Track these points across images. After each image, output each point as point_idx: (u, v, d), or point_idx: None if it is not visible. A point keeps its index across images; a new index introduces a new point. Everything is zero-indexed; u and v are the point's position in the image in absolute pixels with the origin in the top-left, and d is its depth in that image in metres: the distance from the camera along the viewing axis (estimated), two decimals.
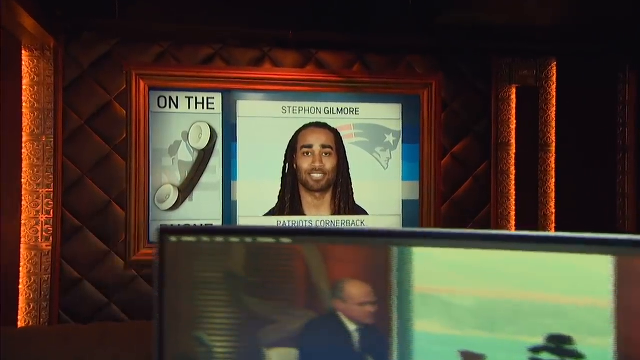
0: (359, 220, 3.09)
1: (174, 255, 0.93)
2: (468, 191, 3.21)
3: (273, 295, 0.91)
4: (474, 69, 3.21)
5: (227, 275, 0.92)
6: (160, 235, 0.93)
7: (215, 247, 0.93)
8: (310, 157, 3.02)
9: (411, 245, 0.87)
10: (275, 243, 0.91)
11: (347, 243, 0.90)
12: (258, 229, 0.93)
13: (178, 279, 0.92)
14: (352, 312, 0.89)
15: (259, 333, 0.92)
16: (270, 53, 3.01)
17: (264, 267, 0.92)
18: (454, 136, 3.20)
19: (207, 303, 0.93)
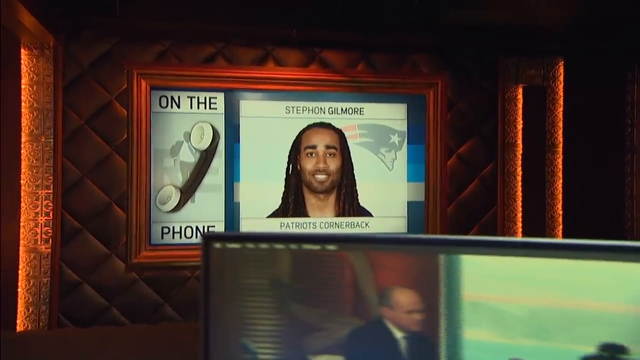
0: (364, 222, 3.07)
1: (219, 262, 0.94)
2: (474, 192, 3.19)
3: (319, 302, 0.92)
4: (480, 69, 3.19)
5: (273, 282, 0.93)
6: (205, 242, 0.94)
7: (261, 254, 0.93)
8: (314, 158, 3.00)
9: (461, 253, 0.86)
10: (322, 250, 0.91)
11: (396, 251, 0.90)
12: (304, 235, 0.94)
13: (223, 285, 0.94)
14: (400, 320, 0.90)
15: (305, 340, 0.92)
16: (273, 52, 2.99)
17: (310, 274, 0.92)
18: (459, 137, 3.17)
19: (252, 310, 0.94)
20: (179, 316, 2.89)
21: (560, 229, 3.21)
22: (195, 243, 2.89)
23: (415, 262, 0.89)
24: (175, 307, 2.89)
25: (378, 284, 0.90)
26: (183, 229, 2.89)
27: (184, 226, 2.89)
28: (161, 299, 2.88)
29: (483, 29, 2.97)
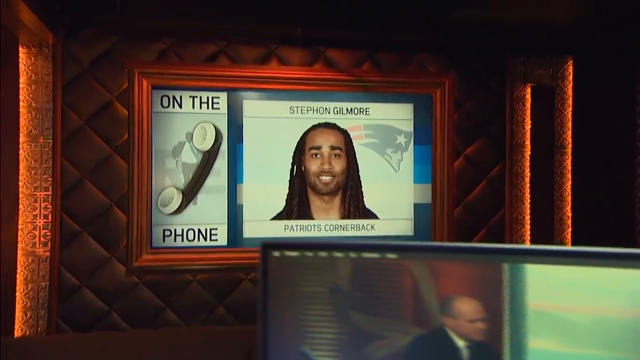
0: (369, 224, 3.04)
1: (278, 270, 0.95)
2: (482, 194, 3.16)
3: (379, 311, 0.93)
4: (488, 68, 3.16)
5: (332, 290, 0.94)
6: (264, 250, 0.96)
7: (320, 262, 0.94)
8: (318, 159, 2.97)
9: (525, 262, 0.86)
10: (382, 259, 0.93)
11: (458, 260, 0.90)
12: (364, 245, 0.94)
13: (282, 293, 0.95)
14: (462, 329, 0.90)
15: (365, 349, 0.93)
16: (277, 50, 2.96)
17: (370, 282, 0.93)
18: (467, 137, 3.15)
19: (311, 318, 0.94)
20: (180, 321, 2.85)
21: (569, 231, 3.18)
22: (198, 246, 2.86)
23: (478, 271, 0.89)
24: (177, 311, 2.85)
25: (439, 293, 0.91)
26: (185, 232, 2.85)
27: (186, 229, 2.86)
28: (162, 304, 2.84)
29: (490, 27, 2.94)
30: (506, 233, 3.15)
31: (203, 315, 2.86)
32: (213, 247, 2.86)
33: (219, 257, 2.86)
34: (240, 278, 2.91)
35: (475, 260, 0.88)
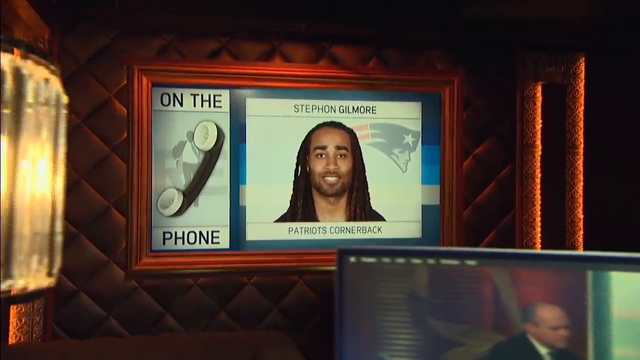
0: (376, 226, 3.01)
1: (354, 276, 0.97)
2: (491, 196, 3.13)
3: (458, 317, 0.94)
4: (498, 66, 3.13)
5: (410, 297, 0.96)
6: (340, 256, 0.98)
7: (397, 269, 0.96)
8: (324, 159, 2.94)
9: (611, 269, 0.86)
10: (461, 265, 0.94)
11: (539, 266, 0.91)
12: (443, 251, 0.97)
13: (358, 299, 0.97)
14: (544, 336, 0.91)
15: (443, 355, 0.94)
16: (281, 47, 2.93)
17: (449, 289, 0.94)
18: (476, 137, 3.12)
19: (389, 324, 0.96)
20: (181, 327, 2.81)
21: (580, 234, 3.15)
22: (199, 249, 2.82)
23: (561, 278, 0.89)
24: (177, 317, 2.81)
25: (520, 300, 0.91)
26: (186, 234, 2.81)
27: (186, 231, 2.82)
28: (162, 309, 2.80)
29: (500, 23, 2.91)
30: (516, 236, 3.12)
31: (204, 320, 2.83)
32: (215, 250, 2.83)
33: (221, 261, 2.83)
34: (242, 282, 2.87)
35: (558, 267, 0.89)
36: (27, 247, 0.70)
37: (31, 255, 0.71)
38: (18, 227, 0.69)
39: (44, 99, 0.72)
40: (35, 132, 0.70)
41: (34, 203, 0.72)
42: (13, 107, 0.67)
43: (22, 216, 0.70)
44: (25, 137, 0.69)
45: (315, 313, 2.89)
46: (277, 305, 2.89)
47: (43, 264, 0.73)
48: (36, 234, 0.72)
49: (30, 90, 0.69)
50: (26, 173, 0.70)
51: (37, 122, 0.70)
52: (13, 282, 0.68)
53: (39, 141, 0.71)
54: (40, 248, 0.73)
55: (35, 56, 0.71)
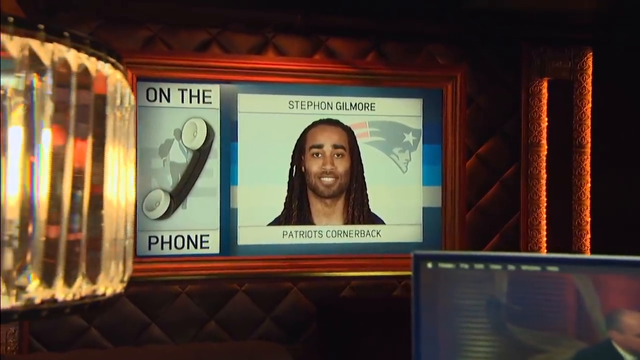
0: (375, 230, 2.98)
1: (431, 282, 0.99)
2: (495, 197, 3.10)
3: (540, 324, 0.95)
4: (502, 60, 3.11)
5: (489, 303, 0.97)
6: (416, 262, 1.00)
7: (476, 275, 0.97)
8: (320, 159, 2.91)
9: None
10: (542, 271, 0.95)
11: (625, 273, 0.92)
12: (523, 257, 0.97)
13: (436, 306, 0.99)
14: (630, 344, 0.92)
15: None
16: (274, 39, 2.88)
17: (530, 295, 0.96)
18: (479, 136, 3.09)
19: (468, 331, 0.97)
20: (167, 337, 2.75)
21: (588, 238, 3.12)
22: (187, 254, 2.77)
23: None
24: (163, 327, 2.75)
25: (604, 307, 0.92)
26: (173, 239, 2.76)
27: (174, 235, 2.77)
28: (148, 318, 2.74)
29: (506, 16, 2.86)
30: (521, 239, 3.09)
31: (192, 330, 2.78)
32: (204, 256, 2.79)
33: (211, 267, 2.79)
34: (233, 289, 2.82)
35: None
36: (109, 253, 0.74)
37: (111, 261, 0.74)
38: (108, 233, 0.73)
39: (119, 102, 0.74)
40: (112, 136, 0.73)
41: (119, 208, 0.77)
42: (97, 111, 0.70)
43: (112, 222, 0.74)
44: (108, 142, 0.72)
45: (311, 322, 2.84)
46: (270, 313, 2.84)
47: (119, 270, 0.77)
48: (116, 239, 0.76)
49: (110, 94, 0.72)
50: (115, 178, 0.75)
51: (114, 125, 0.74)
52: (96, 288, 0.71)
53: (117, 145, 0.75)
54: (118, 254, 0.76)
55: (112, 58, 0.72)
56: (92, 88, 0.68)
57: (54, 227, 0.65)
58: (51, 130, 0.63)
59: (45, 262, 0.64)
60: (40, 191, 0.62)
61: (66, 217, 0.66)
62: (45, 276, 0.65)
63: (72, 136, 0.65)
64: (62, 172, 0.65)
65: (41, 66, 0.62)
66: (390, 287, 2.94)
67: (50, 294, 0.65)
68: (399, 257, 2.87)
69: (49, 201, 0.63)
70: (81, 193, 0.68)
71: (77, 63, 0.65)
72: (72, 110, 0.65)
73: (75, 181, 0.67)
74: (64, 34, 0.64)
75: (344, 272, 2.89)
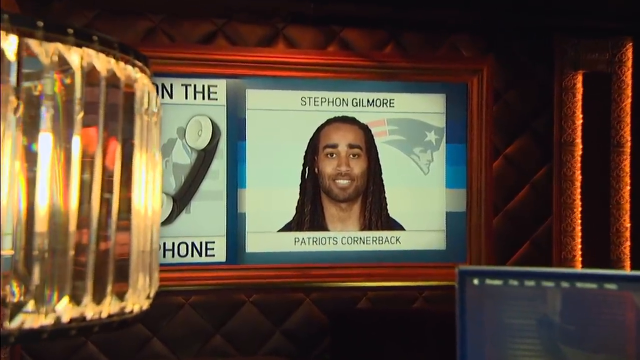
0: (394, 236, 2.97)
1: (478, 300, 1.00)
2: (524, 201, 3.09)
3: (596, 345, 0.95)
4: (533, 52, 3.09)
5: (541, 323, 0.98)
6: (461, 277, 1.01)
7: (527, 292, 0.98)
8: (334, 160, 2.92)
9: None
10: (599, 289, 0.95)
11: None
12: (579, 273, 1.01)
13: (482, 325, 1.00)
14: None
15: None
16: (285, 30, 2.89)
17: (585, 315, 0.96)
18: (507, 134, 3.08)
19: (517, 352, 0.97)
20: (170, 353, 2.76)
21: (627, 245, 3.08)
22: (191, 263, 2.78)
23: None
24: (165, 341, 2.76)
25: None
26: (176, 246, 2.78)
27: (177, 242, 2.79)
28: (148, 332, 2.75)
29: (536, 3, 2.87)
30: (554, 247, 3.07)
31: (197, 345, 2.79)
32: (209, 264, 2.80)
33: (216, 276, 2.80)
34: (241, 301, 2.83)
35: None
36: (135, 268, 0.75)
37: (138, 275, 0.75)
38: (136, 244, 0.74)
39: (146, 106, 0.77)
40: (140, 141, 0.75)
41: (146, 217, 0.78)
42: (125, 115, 0.72)
43: (139, 232, 0.76)
44: (136, 147, 0.75)
45: (324, 336, 2.84)
46: (280, 327, 2.85)
47: (146, 285, 0.78)
48: (143, 251, 0.77)
49: (138, 99, 0.74)
50: (143, 185, 0.77)
51: (141, 130, 0.76)
52: (124, 305, 0.71)
53: (144, 150, 0.77)
54: (145, 266, 0.77)
55: (139, 62, 0.75)
56: (120, 93, 0.70)
57: (83, 236, 0.67)
58: (80, 137, 0.65)
59: (75, 276, 0.66)
60: (69, 201, 0.64)
61: (95, 224, 0.68)
62: (75, 293, 0.67)
63: (102, 141, 0.67)
64: (91, 177, 0.67)
65: (69, 71, 0.65)
66: (410, 299, 2.93)
67: (79, 312, 0.67)
68: (419, 266, 2.90)
69: (78, 209, 0.65)
70: (111, 198, 0.70)
71: (105, 68, 0.68)
72: (101, 116, 0.67)
73: (106, 186, 0.69)
74: (92, 38, 0.67)
75: (360, 282, 2.89)
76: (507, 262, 2.99)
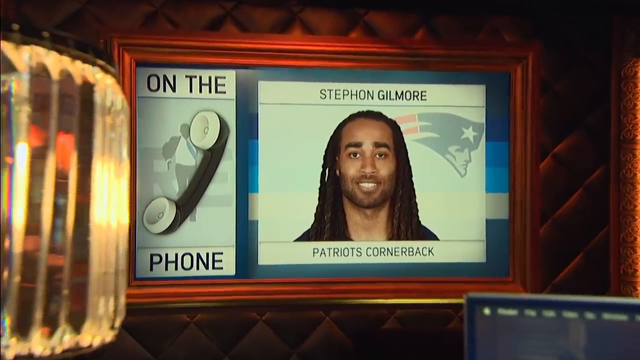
0: (426, 247, 2.95)
1: (489, 332, 0.98)
2: (577, 207, 3.05)
3: None
4: (587, 36, 3.05)
5: (562, 359, 0.94)
6: (470, 307, 1.01)
7: (545, 324, 0.96)
8: (358, 160, 2.91)
9: None
10: (630, 322, 0.92)
11: None
12: (606, 303, 0.94)
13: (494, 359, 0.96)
14: None
15: None
16: (301, 14, 2.90)
17: (613, 351, 0.93)
18: (557, 130, 3.04)
19: None
20: None
21: None
22: (197, 276, 2.79)
23: None
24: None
25: None
26: (179, 257, 2.79)
27: (180, 253, 2.79)
28: (150, 354, 2.75)
29: None
30: (611, 260, 3.01)
31: None
32: (217, 278, 2.81)
33: (225, 291, 2.81)
34: (252, 319, 2.82)
35: None
36: (95, 292, 0.73)
37: (98, 302, 0.74)
38: (94, 267, 0.73)
39: (109, 110, 0.78)
40: (101, 148, 0.76)
41: (109, 232, 0.77)
42: (81, 122, 0.72)
43: (101, 249, 0.74)
44: (95, 154, 0.75)
45: (346, 359, 2.83)
46: (296, 349, 2.84)
47: (109, 313, 0.76)
48: (105, 273, 0.76)
49: (99, 101, 0.75)
50: (98, 197, 0.76)
51: (103, 137, 0.76)
52: (80, 339, 0.69)
53: (107, 158, 0.77)
54: (108, 291, 0.76)
55: (102, 61, 0.76)
56: (76, 94, 0.70)
57: (30, 250, 0.65)
58: (28, 144, 0.65)
59: (20, 301, 0.63)
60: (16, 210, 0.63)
61: (47, 234, 0.66)
62: (20, 322, 0.64)
63: (53, 148, 0.67)
64: (41, 183, 0.66)
65: (16, 72, 0.65)
66: (443, 318, 2.91)
67: (26, 347, 0.64)
68: (455, 282, 2.87)
69: (25, 217, 0.64)
70: (64, 202, 0.68)
71: (58, 68, 0.68)
72: (53, 118, 0.67)
73: (58, 189, 0.68)
74: (43, 34, 0.67)
75: (387, 299, 2.87)
76: (556, 278, 2.95)
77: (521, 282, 2.89)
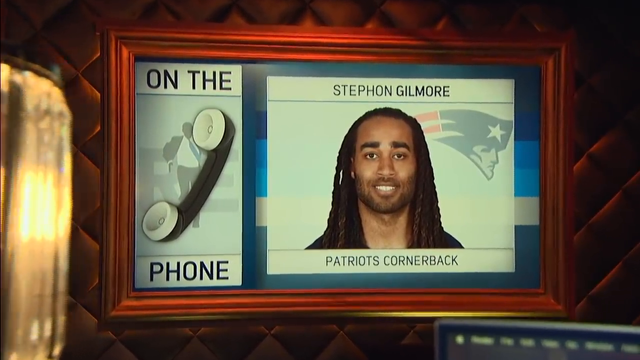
0: (449, 255, 2.95)
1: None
2: (615, 212, 3.03)
3: None
4: (625, 26, 3.04)
5: None
6: (442, 334, 1.01)
7: (524, 354, 0.94)
8: (375, 161, 2.91)
9: None
10: (617, 352, 0.91)
11: None
12: (590, 331, 0.92)
13: None
14: None
15: None
16: (313, 4, 2.90)
17: None
18: (593, 128, 3.03)
19: None
20: None
21: None
22: (201, 287, 2.80)
23: None
24: None
25: None
26: (182, 266, 2.80)
27: (182, 262, 2.80)
28: None
29: None
30: None
31: None
32: (222, 289, 2.81)
33: (231, 303, 2.81)
34: (260, 333, 2.83)
35: None
36: (25, 316, 0.72)
37: (29, 327, 0.73)
38: (15, 288, 0.71)
39: (44, 117, 0.78)
40: (35, 158, 0.76)
41: (34, 250, 0.75)
42: (8, 128, 0.73)
43: (21, 271, 0.72)
44: (23, 164, 0.74)
45: None
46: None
47: (44, 340, 0.76)
48: (40, 295, 0.75)
49: (29, 108, 0.76)
50: (25, 210, 0.75)
51: (37, 145, 0.76)
52: None
53: (39, 168, 0.76)
54: (41, 316, 0.75)
55: (36, 65, 0.77)
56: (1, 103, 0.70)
57: None
58: None
59: None
60: None
61: None
62: None
63: None
64: None
65: None
66: None
67: None
68: (480, 293, 2.89)
69: None
70: None
71: None
72: None
73: None
74: None
75: (406, 311, 2.86)
76: (591, 290, 2.93)
77: (553, 294, 2.87)
